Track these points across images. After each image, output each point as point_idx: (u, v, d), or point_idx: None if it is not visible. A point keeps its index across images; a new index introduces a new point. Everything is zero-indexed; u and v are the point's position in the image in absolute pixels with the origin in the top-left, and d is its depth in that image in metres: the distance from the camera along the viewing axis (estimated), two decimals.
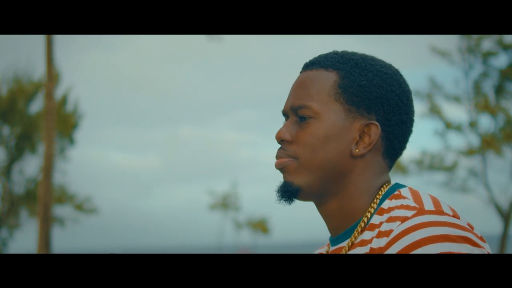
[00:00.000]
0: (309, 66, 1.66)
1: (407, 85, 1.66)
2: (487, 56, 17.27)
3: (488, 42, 17.14)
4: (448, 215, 1.46)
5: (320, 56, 1.67)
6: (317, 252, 1.77)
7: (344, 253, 1.57)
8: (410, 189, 1.58)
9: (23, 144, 23.46)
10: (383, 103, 1.60)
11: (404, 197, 1.54)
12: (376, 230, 1.51)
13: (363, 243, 1.54)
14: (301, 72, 1.69)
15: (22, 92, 23.34)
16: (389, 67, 1.65)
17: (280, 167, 1.62)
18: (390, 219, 1.49)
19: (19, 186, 23.67)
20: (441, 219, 1.44)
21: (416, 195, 1.54)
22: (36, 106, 23.69)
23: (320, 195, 1.61)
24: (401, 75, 1.66)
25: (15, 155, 23.46)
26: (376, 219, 1.54)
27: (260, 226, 61.48)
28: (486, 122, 17.84)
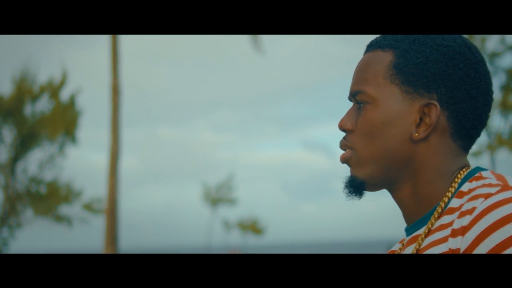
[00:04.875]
0: (369, 47, 1.58)
1: (476, 56, 1.52)
2: (492, 56, 17.48)
3: (492, 42, 17.33)
4: None
5: (379, 36, 1.58)
6: (395, 247, 1.68)
7: (420, 240, 1.48)
8: (492, 171, 1.49)
9: (28, 144, 23.36)
10: (444, 79, 1.48)
11: (485, 178, 1.45)
12: (457, 213, 1.42)
13: (443, 227, 1.44)
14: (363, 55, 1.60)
15: (27, 92, 23.25)
16: (453, 39, 1.52)
17: (343, 162, 1.56)
18: (472, 198, 1.40)
19: (21, 185, 23.55)
20: None
21: (499, 176, 1.46)
22: (41, 106, 23.61)
23: (389, 184, 1.53)
24: (468, 46, 1.52)
25: (20, 154, 23.35)
26: (455, 202, 1.45)
27: (251, 227, 61.28)
28: (495, 122, 18.02)
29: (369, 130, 1.50)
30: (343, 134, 1.57)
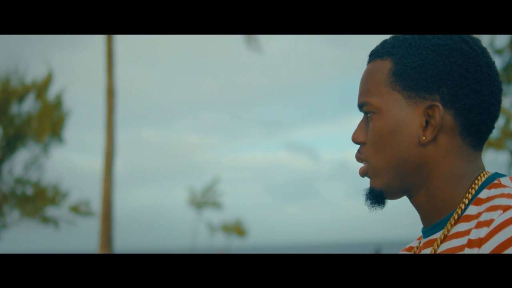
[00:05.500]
0: (369, 57, 1.58)
1: (474, 49, 1.50)
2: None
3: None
4: None
5: (378, 45, 1.58)
6: (411, 245, 1.68)
7: (436, 246, 1.48)
8: (511, 177, 1.48)
9: (14, 144, 23.24)
10: (444, 78, 1.48)
11: (505, 186, 1.44)
12: (474, 221, 1.41)
13: (459, 235, 1.44)
14: None
15: (14, 92, 23.14)
16: (449, 36, 1.51)
17: (363, 176, 1.56)
18: (491, 208, 1.39)
19: (7, 186, 23.42)
20: None
21: None
22: (27, 106, 23.52)
23: (406, 191, 1.53)
24: (466, 41, 1.51)
25: (6, 155, 23.22)
26: (473, 210, 1.44)
27: (235, 228, 61.48)
28: None
29: (378, 140, 1.51)
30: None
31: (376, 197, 1.54)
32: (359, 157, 1.55)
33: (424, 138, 1.48)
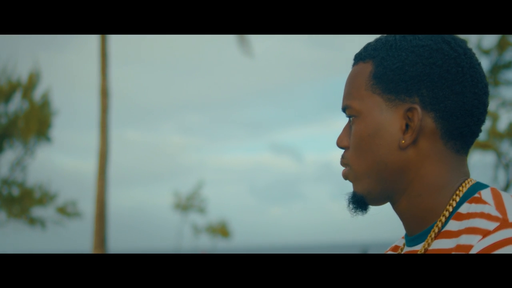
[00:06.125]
0: (353, 61, 1.56)
1: (456, 50, 1.46)
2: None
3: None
4: None
5: (362, 48, 1.56)
6: (396, 244, 1.65)
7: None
8: (493, 190, 1.42)
9: (0, 144, 23.13)
10: (424, 80, 1.43)
11: (485, 202, 1.39)
12: (454, 241, 1.38)
13: (439, 252, 1.40)
14: None
15: (0, 92, 23.04)
16: (430, 37, 1.48)
17: (344, 179, 1.53)
18: (471, 231, 1.35)
19: None
20: None
21: (498, 200, 1.39)
22: (14, 106, 23.41)
23: (388, 197, 1.49)
24: (447, 41, 1.46)
25: None
26: (453, 225, 1.40)
27: (220, 230, 61.56)
28: None
29: (359, 145, 1.48)
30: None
31: (358, 202, 1.51)
32: (342, 161, 1.53)
33: (403, 141, 1.44)
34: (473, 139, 1.48)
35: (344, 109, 1.52)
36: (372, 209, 1.54)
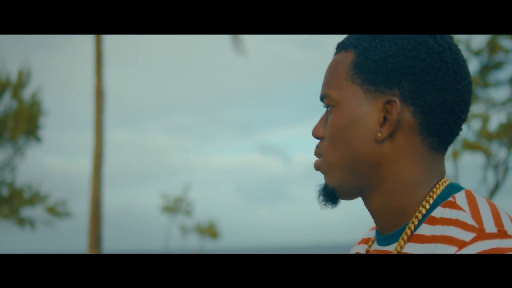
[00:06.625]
0: (336, 49, 1.51)
1: (441, 44, 1.41)
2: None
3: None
4: None
5: (345, 37, 1.52)
6: (368, 236, 1.61)
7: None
8: (467, 194, 1.37)
9: None
10: (405, 73, 1.38)
11: (459, 208, 1.33)
12: (426, 246, 1.33)
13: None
14: None
15: None
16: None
17: (316, 169, 1.48)
18: (445, 240, 1.29)
19: None
20: (506, 245, 1.24)
21: (473, 205, 1.33)
22: (3, 105, 23.33)
23: (360, 192, 1.44)
24: (433, 35, 1.42)
25: None
26: (426, 230, 1.35)
27: (209, 230, 61.72)
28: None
29: (334, 135, 1.43)
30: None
31: (329, 195, 1.46)
32: (317, 152, 1.48)
33: (380, 134, 1.38)
34: (452, 137, 1.42)
35: (322, 98, 1.47)
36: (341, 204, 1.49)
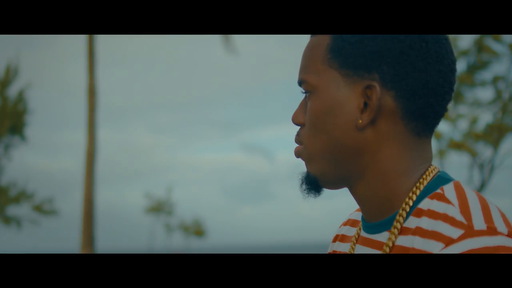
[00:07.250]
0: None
1: None
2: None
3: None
4: (503, 234, 1.21)
5: None
6: (354, 218, 1.56)
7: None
8: (456, 186, 1.31)
9: None
10: (384, 55, 1.31)
11: (448, 202, 1.27)
12: (411, 238, 1.28)
13: (403, 250, 1.29)
14: None
15: None
16: None
17: (297, 156, 1.42)
18: (432, 235, 1.24)
19: None
20: (495, 243, 1.19)
21: (462, 199, 1.27)
22: None
23: (344, 181, 1.38)
24: None
25: None
26: (412, 222, 1.30)
27: (194, 228, 61.77)
28: (446, 130, 18.29)
29: (314, 123, 1.35)
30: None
31: (312, 184, 1.39)
32: (297, 139, 1.41)
33: (360, 121, 1.31)
34: (437, 120, 1.35)
35: (300, 83, 1.39)
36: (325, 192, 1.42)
